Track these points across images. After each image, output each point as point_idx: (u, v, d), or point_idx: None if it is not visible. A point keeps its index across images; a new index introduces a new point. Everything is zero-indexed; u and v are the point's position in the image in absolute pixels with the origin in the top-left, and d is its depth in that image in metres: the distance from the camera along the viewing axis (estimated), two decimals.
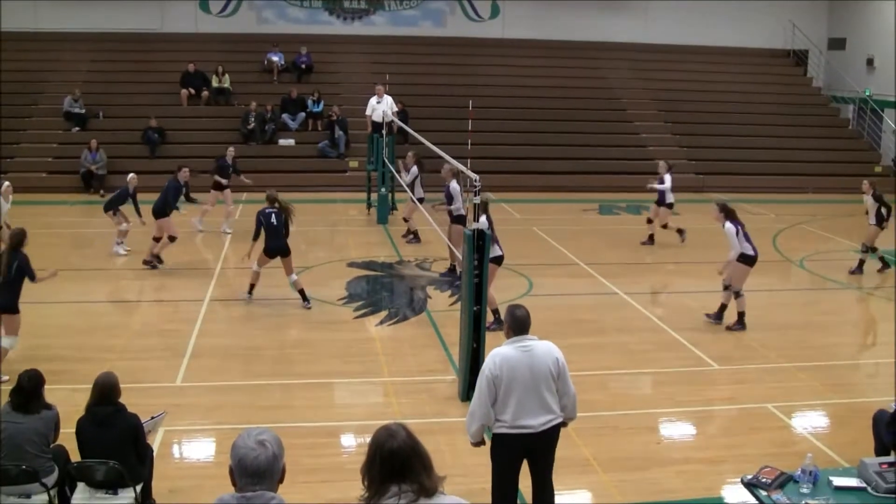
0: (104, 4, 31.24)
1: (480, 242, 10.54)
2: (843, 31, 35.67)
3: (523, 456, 7.30)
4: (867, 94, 33.27)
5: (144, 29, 31.92)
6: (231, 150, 20.95)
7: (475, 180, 10.68)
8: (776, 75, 35.48)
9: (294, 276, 14.81)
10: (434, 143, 16.06)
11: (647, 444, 9.48)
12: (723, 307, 14.27)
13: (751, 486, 7.07)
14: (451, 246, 16.28)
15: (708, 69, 34.76)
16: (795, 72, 36.33)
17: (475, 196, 10.72)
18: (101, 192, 25.28)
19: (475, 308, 10.60)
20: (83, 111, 28.08)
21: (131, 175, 18.40)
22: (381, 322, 14.22)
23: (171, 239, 17.07)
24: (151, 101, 29.30)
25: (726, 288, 14.14)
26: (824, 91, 35.68)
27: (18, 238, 11.32)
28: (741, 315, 14.05)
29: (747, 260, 13.82)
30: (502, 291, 15.16)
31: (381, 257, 18.53)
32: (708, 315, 14.40)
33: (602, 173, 28.50)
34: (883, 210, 17.60)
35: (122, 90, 29.90)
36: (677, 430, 10.51)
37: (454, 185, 16.74)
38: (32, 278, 11.33)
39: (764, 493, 6.91)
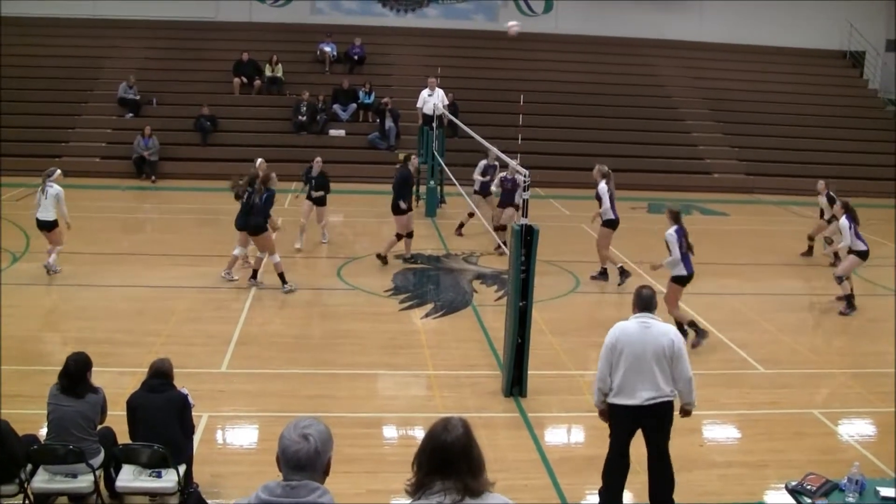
0: None
1: (528, 238, 10.50)
2: None
3: (632, 427, 7.62)
4: None
5: (199, 17, 32.25)
6: (318, 160, 18.72)
7: (525, 175, 10.65)
8: (831, 76, 35.01)
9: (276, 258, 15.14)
10: (484, 138, 16.03)
11: (689, 445, 9.40)
12: (848, 296, 15.23)
13: (795, 492, 7.00)
14: (599, 248, 16.49)
15: (761, 69, 34.23)
16: (851, 73, 35.80)
17: (525, 191, 10.68)
18: (153, 177, 25.62)
19: (521, 303, 10.58)
20: (137, 98, 28.36)
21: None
22: (427, 315, 14.24)
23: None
24: (204, 88, 29.60)
25: (840, 280, 15.20)
26: (881, 93, 35.12)
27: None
28: (849, 298, 15.21)
29: (861, 255, 15.20)
30: (548, 288, 15.13)
31: (427, 250, 18.54)
32: (842, 312, 15.16)
33: (652, 171, 28.28)
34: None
35: (176, 78, 30.18)
36: (721, 432, 10.41)
37: (602, 186, 16.07)
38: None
39: (808, 500, 6.84)
